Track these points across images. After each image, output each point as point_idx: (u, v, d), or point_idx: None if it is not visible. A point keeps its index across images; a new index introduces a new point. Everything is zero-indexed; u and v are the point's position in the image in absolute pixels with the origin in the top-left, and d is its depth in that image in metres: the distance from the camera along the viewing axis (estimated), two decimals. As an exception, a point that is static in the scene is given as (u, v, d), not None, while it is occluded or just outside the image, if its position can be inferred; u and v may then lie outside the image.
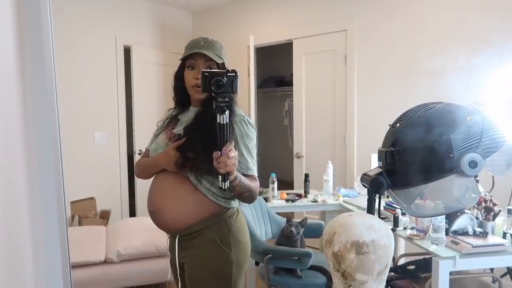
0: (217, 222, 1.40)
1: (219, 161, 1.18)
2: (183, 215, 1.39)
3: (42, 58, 0.60)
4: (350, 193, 3.12)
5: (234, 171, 1.24)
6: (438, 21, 3.30)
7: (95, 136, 4.21)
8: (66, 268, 0.69)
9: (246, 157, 1.40)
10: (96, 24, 4.19)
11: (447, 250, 1.88)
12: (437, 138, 1.14)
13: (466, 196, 1.16)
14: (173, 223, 1.41)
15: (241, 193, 1.35)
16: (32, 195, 0.64)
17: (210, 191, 1.39)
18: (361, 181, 1.32)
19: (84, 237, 3.20)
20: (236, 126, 1.40)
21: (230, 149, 1.19)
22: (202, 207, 1.39)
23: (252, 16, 4.54)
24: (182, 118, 1.52)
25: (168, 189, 1.41)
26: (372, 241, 1.01)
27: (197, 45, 1.44)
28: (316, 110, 4.12)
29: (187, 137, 1.39)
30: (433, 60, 3.29)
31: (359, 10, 3.72)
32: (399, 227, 2.23)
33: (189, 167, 1.37)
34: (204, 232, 1.39)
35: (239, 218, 1.48)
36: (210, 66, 1.43)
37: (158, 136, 1.54)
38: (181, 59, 1.49)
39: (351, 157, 3.84)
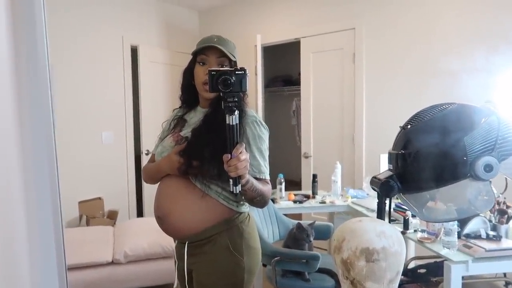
0: (229, 228, 1.35)
1: (229, 164, 1.13)
2: (193, 221, 1.33)
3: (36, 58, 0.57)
4: (359, 194, 3.07)
5: (246, 174, 1.18)
6: (452, 18, 3.20)
7: (102, 136, 4.21)
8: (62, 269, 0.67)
9: (258, 160, 1.35)
10: (103, 23, 4.18)
11: (459, 254, 1.83)
12: (450, 141, 1.09)
13: (480, 200, 1.11)
14: (183, 229, 1.35)
15: (253, 197, 1.29)
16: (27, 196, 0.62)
17: (222, 195, 1.34)
18: (371, 184, 1.29)
19: (91, 238, 3.20)
20: (248, 127, 1.34)
21: (241, 151, 1.13)
22: (213, 212, 1.34)
23: (259, 15, 4.50)
24: (189, 119, 1.46)
25: (176, 194, 1.35)
26: (382, 248, 0.97)
27: (210, 40, 1.38)
28: (324, 110, 4.08)
29: (190, 141, 1.34)
30: (447, 60, 3.21)
31: (368, 7, 3.67)
32: (410, 229, 2.19)
33: (193, 173, 1.32)
34: (216, 238, 1.33)
35: (250, 223, 1.42)
36: (222, 63, 1.37)
37: (164, 139, 1.47)
38: (192, 53, 1.42)
39: (360, 157, 3.79)
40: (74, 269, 2.80)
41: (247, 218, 1.41)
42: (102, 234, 3.31)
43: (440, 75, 3.25)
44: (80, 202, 4.02)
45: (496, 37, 2.98)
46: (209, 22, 4.96)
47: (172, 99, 4.49)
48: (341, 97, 3.93)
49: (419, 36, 3.37)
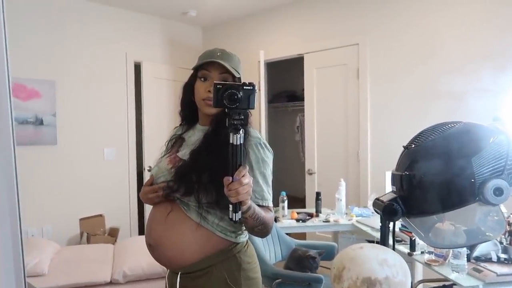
0: (225, 258, 1.25)
1: (230, 188, 1.01)
2: (187, 251, 1.23)
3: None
4: (364, 213, 2.99)
5: (248, 200, 1.07)
6: (457, 35, 3.16)
7: (104, 152, 4.19)
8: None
9: (261, 185, 1.24)
10: (107, 40, 4.20)
11: (469, 278, 1.75)
12: (456, 163, 1.03)
13: (490, 225, 1.05)
14: (175, 259, 1.25)
15: (254, 226, 1.18)
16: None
17: (219, 227, 1.24)
18: (374, 206, 1.22)
19: (91, 256, 3.15)
20: (251, 149, 1.24)
21: (244, 174, 1.01)
22: (209, 242, 1.24)
23: (262, 31, 4.51)
24: (187, 138, 1.37)
25: (169, 222, 1.24)
26: (385, 278, 0.90)
27: (213, 54, 1.30)
28: (328, 125, 4.03)
29: (188, 164, 1.24)
30: (451, 77, 3.16)
31: (372, 23, 3.64)
32: (416, 251, 2.10)
33: (185, 201, 1.22)
34: (211, 270, 1.24)
35: (249, 251, 1.32)
36: (225, 79, 1.29)
37: (162, 158, 1.37)
38: (193, 68, 1.35)
39: (365, 174, 3.71)
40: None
41: (245, 246, 1.32)
42: (102, 252, 3.25)
43: (446, 92, 3.20)
44: (81, 219, 3.98)
45: (502, 55, 2.93)
46: (213, 38, 4.97)
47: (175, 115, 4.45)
48: (345, 113, 3.88)
49: (423, 52, 3.34)
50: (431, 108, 3.26)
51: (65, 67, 3.91)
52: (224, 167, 1.04)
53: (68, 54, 3.92)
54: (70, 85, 3.94)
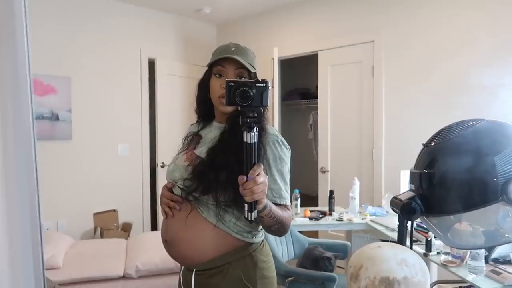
0: (241, 257, 1.23)
1: (244, 188, 1.00)
2: (203, 249, 1.22)
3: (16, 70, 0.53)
4: (378, 212, 2.96)
5: (263, 199, 1.05)
6: (483, 28, 3.05)
7: (118, 148, 4.22)
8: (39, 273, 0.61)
9: (279, 183, 1.22)
10: (121, 36, 4.23)
11: (487, 281, 1.71)
12: (478, 161, 1.00)
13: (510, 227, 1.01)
14: (191, 256, 1.24)
15: (271, 225, 1.16)
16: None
17: (237, 227, 1.22)
18: (391, 205, 1.20)
19: (104, 251, 3.18)
20: (269, 147, 1.22)
21: (258, 173, 1.00)
22: (224, 242, 1.22)
23: (276, 28, 4.48)
24: (204, 135, 1.35)
25: (187, 220, 1.23)
26: (404, 278, 0.88)
27: (228, 50, 1.27)
28: (342, 124, 3.99)
29: (205, 163, 1.22)
30: (475, 73, 3.08)
31: (387, 19, 3.59)
32: (432, 251, 2.07)
33: (203, 200, 1.20)
34: (227, 268, 1.22)
35: (264, 249, 1.31)
36: (240, 75, 1.26)
37: (178, 155, 1.36)
38: (208, 65, 1.31)
39: (379, 173, 3.67)
40: (85, 283, 2.77)
41: (261, 245, 1.30)
42: (115, 247, 3.28)
43: (464, 89, 3.13)
44: (95, 214, 4.02)
45: None
46: (227, 35, 4.97)
47: (189, 112, 4.48)
48: (359, 111, 3.84)
49: (442, 48, 3.26)
50: (450, 105, 3.19)
51: (81, 63, 3.94)
52: (241, 166, 1.02)
53: (83, 50, 3.96)
54: (85, 81, 3.98)
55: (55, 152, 3.80)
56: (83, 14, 3.95)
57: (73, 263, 2.91)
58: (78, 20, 3.91)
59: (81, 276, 2.78)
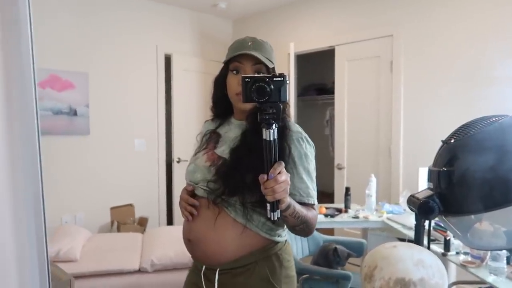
0: (267, 256, 1.21)
1: (265, 187, 0.97)
2: (228, 248, 1.19)
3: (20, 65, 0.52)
4: (395, 210, 2.90)
5: (286, 198, 1.02)
6: (498, 21, 2.95)
7: (134, 143, 4.25)
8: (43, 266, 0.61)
9: (306, 182, 1.19)
10: (138, 32, 4.25)
11: (508, 282, 1.65)
12: (501, 159, 0.96)
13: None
14: (217, 255, 1.20)
15: (295, 225, 1.13)
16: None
17: (266, 227, 1.20)
18: (408, 203, 1.16)
19: (121, 244, 3.21)
20: (293, 145, 1.19)
21: (279, 171, 0.97)
22: (252, 241, 1.20)
23: (292, 22, 4.43)
24: (223, 133, 1.31)
25: (214, 220, 1.19)
26: (420, 280, 0.85)
27: (244, 45, 1.23)
28: (359, 120, 3.93)
29: (229, 164, 1.18)
30: (493, 68, 2.98)
31: (407, 13, 3.50)
32: (451, 251, 2.01)
33: (230, 203, 1.17)
34: (253, 267, 1.20)
35: (288, 248, 1.29)
36: (259, 71, 1.22)
37: (197, 155, 1.31)
38: (224, 62, 1.27)
39: (397, 170, 3.60)
40: (101, 276, 2.80)
41: (285, 244, 1.28)
42: (131, 241, 3.32)
43: (485, 84, 3.03)
44: (112, 208, 4.07)
45: None
46: (243, 30, 4.94)
47: (205, 108, 4.48)
48: (377, 107, 3.77)
49: (463, 41, 3.16)
50: (470, 100, 3.10)
51: (98, 59, 3.99)
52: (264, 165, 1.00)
53: (100, 46, 3.99)
54: (102, 77, 4.02)
55: (73, 147, 3.86)
56: (100, 10, 3.98)
57: (90, 256, 2.95)
58: (95, 15, 3.95)
59: (98, 269, 2.82)
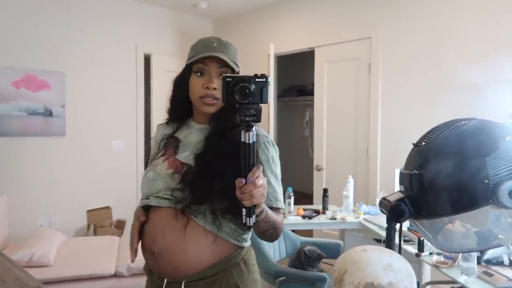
0: (236, 263, 1.18)
1: (243, 191, 0.93)
2: (197, 258, 1.13)
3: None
4: (372, 211, 2.93)
5: (262, 203, 0.99)
6: (475, 25, 3.01)
7: (112, 144, 4.18)
8: None
9: (274, 186, 1.17)
10: (117, 32, 4.18)
11: (479, 282, 1.69)
12: (468, 162, 0.97)
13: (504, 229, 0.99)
14: (184, 267, 1.14)
15: (265, 230, 1.10)
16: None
17: (235, 233, 1.16)
18: (380, 206, 1.17)
19: (97, 248, 3.15)
20: (261, 149, 1.16)
21: (258, 175, 0.93)
22: (221, 249, 1.16)
23: (273, 24, 4.44)
24: (183, 138, 1.24)
25: (184, 230, 1.13)
26: (389, 284, 0.85)
27: (210, 46, 1.19)
28: (338, 121, 3.96)
29: (196, 171, 1.13)
30: (470, 70, 3.04)
31: (384, 16, 3.55)
32: (425, 252, 2.04)
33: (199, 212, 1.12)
34: (222, 276, 1.16)
35: (252, 253, 1.27)
36: (224, 73, 1.19)
37: (155, 161, 1.23)
38: (188, 63, 1.22)
39: (374, 171, 3.64)
40: (75, 281, 2.73)
41: (249, 248, 1.26)
42: (108, 244, 3.25)
43: (462, 86, 3.09)
44: (89, 210, 3.99)
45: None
46: (223, 30, 4.92)
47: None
48: (356, 109, 3.80)
49: (439, 45, 3.22)
50: (445, 104, 3.15)
51: (75, 58, 3.90)
52: (236, 171, 0.95)
53: (78, 45, 3.91)
54: (79, 77, 3.94)
55: (48, 148, 3.77)
56: (78, 8, 3.90)
57: (64, 261, 2.88)
58: (72, 14, 3.86)
59: (72, 274, 2.75)
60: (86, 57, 3.97)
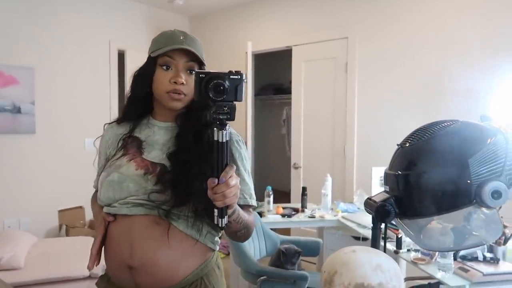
0: (211, 268, 1.15)
1: (215, 192, 0.89)
2: (182, 266, 1.09)
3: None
4: (350, 208, 2.97)
5: (235, 203, 0.96)
6: (453, 25, 3.08)
7: (85, 142, 4.06)
8: None
9: (248, 184, 1.15)
10: (89, 27, 4.06)
11: (455, 278, 1.74)
12: (453, 163, 0.99)
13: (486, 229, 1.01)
14: (168, 278, 1.08)
15: (237, 230, 1.07)
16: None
17: (211, 235, 1.13)
18: (365, 206, 1.18)
19: (70, 249, 3.06)
20: (233, 147, 1.13)
21: (231, 175, 0.90)
22: (201, 254, 1.12)
23: (250, 21, 4.42)
24: (146, 137, 1.17)
25: (162, 237, 1.06)
26: (379, 284, 0.86)
27: (176, 39, 1.12)
28: (315, 120, 3.99)
29: (174, 170, 1.07)
30: (446, 71, 3.12)
31: (361, 16, 3.60)
32: (403, 248, 2.09)
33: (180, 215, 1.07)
34: (200, 282, 1.12)
35: (219, 254, 1.24)
36: (191, 68, 1.12)
37: (116, 162, 1.14)
38: (153, 55, 1.13)
39: (351, 169, 3.69)
40: (49, 284, 2.65)
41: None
42: (81, 245, 3.16)
43: (436, 87, 3.17)
44: (60, 211, 3.87)
45: (504, 45, 2.84)
46: (200, 28, 4.86)
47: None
48: (332, 107, 3.85)
49: (414, 45, 3.30)
50: (421, 103, 3.23)
51: (45, 53, 3.76)
52: (210, 170, 0.92)
53: (48, 40, 3.77)
54: (50, 73, 3.79)
55: (17, 147, 3.62)
56: (48, 1, 3.75)
57: (36, 263, 2.78)
58: (42, 7, 3.72)
59: (44, 276, 2.66)
60: (57, 52, 3.84)
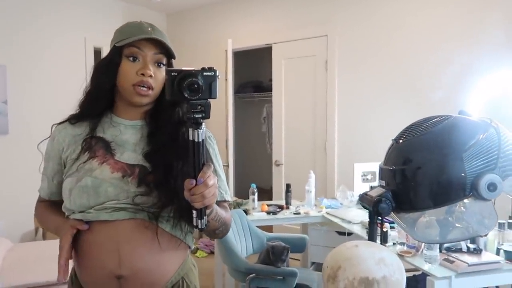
0: (190, 266, 1.14)
1: (193, 193, 0.86)
2: (170, 269, 1.07)
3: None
4: (333, 204, 3.01)
5: (214, 204, 0.93)
6: (433, 23, 3.14)
7: (61, 143, 3.93)
8: None
9: (223, 180, 1.14)
10: (64, 23, 3.93)
11: (441, 269, 1.78)
12: (447, 157, 1.02)
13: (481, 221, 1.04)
14: (157, 281, 1.05)
15: (216, 228, 1.05)
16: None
17: (190, 235, 1.11)
18: (361, 201, 1.19)
19: (47, 253, 2.93)
20: (207, 143, 1.08)
21: (209, 175, 0.87)
22: (183, 253, 1.11)
23: (230, 19, 4.39)
24: (114, 137, 1.09)
25: (152, 241, 1.02)
26: (383, 278, 0.87)
27: (143, 30, 1.06)
28: (295, 117, 4.01)
29: (155, 171, 1.03)
30: (423, 66, 3.19)
31: (340, 14, 3.64)
32: (388, 242, 2.13)
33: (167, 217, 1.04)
34: (182, 282, 1.10)
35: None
36: (159, 62, 1.06)
37: (84, 165, 1.06)
38: (118, 45, 1.05)
39: (332, 165, 3.74)
40: (28, 290, 2.55)
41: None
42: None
43: (416, 84, 3.23)
44: (36, 214, 3.73)
45: (480, 39, 2.91)
46: (178, 25, 4.79)
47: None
48: (313, 105, 3.88)
49: (394, 43, 3.36)
50: (400, 100, 3.30)
51: (18, 51, 3.61)
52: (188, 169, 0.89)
53: (20, 36, 3.62)
54: (23, 70, 3.65)
55: (-12, 148, 3.47)
56: None
57: (12, 269, 2.67)
58: (15, 3, 3.57)
59: (21, 282, 2.56)
60: (30, 49, 3.69)
